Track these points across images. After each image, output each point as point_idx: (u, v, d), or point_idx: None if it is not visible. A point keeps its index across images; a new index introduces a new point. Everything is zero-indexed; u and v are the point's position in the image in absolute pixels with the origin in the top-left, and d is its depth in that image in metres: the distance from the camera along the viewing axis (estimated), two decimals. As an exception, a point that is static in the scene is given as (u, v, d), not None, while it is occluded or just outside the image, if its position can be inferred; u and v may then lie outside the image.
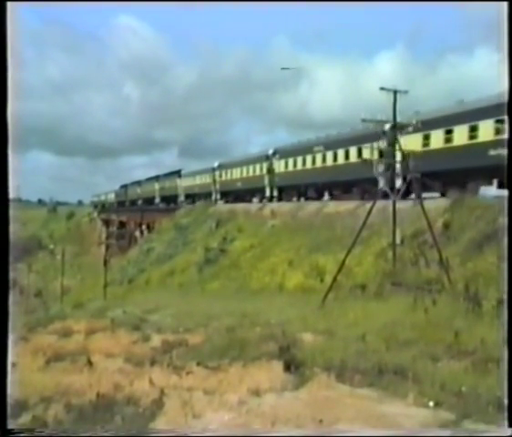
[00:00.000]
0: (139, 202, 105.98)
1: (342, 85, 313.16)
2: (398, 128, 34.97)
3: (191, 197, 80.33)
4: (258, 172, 60.10)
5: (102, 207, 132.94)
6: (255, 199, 59.89)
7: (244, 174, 64.12)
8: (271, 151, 58.62)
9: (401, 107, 25.81)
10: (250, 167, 62.30)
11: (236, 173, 66.68)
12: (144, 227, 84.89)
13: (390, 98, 25.00)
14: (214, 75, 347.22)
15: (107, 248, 68.18)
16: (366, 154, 37.19)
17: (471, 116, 31.22)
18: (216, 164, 73.68)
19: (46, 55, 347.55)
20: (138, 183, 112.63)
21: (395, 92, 24.85)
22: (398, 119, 25.81)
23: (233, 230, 48.92)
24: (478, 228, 25.23)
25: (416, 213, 26.13)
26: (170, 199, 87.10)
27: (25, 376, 13.00)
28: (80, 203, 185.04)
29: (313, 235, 36.95)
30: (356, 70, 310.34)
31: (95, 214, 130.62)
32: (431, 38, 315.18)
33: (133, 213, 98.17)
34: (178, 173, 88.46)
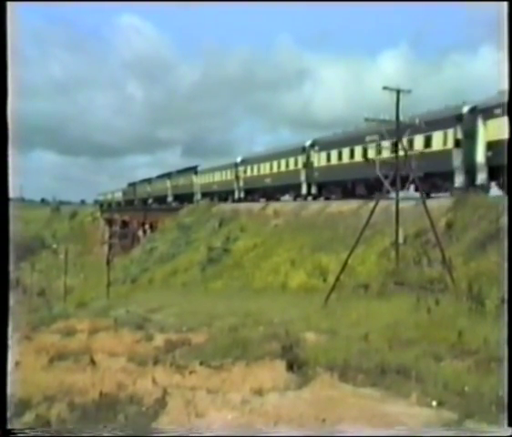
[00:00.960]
0: (150, 201, 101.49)
1: (345, 84, 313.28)
2: (479, 112, 33.02)
3: (209, 195, 73.95)
4: (292, 167, 53.76)
5: (108, 206, 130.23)
6: (287, 197, 55.21)
7: (274, 169, 57.65)
8: (308, 142, 51.87)
9: (405, 106, 25.69)
10: (282, 162, 55.78)
11: (264, 168, 60.12)
12: (147, 226, 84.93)
13: (394, 97, 24.91)
14: (218, 74, 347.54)
15: (110, 247, 68.22)
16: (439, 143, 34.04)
17: None
18: (239, 159, 68.09)
19: (50, 55, 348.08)
20: (149, 181, 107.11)
21: (398, 91, 24.76)
22: (401, 118, 25.65)
23: (236, 230, 48.99)
24: (481, 227, 25.23)
25: (419, 212, 26.09)
26: (185, 198, 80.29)
27: (28, 375, 13.02)
28: (83, 202, 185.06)
29: (316, 234, 36.97)
30: (360, 69, 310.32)
31: (98, 213, 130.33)
32: (435, 37, 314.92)
33: (136, 212, 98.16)
34: (194, 169, 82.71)
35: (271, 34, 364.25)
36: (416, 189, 26.77)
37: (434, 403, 9.70)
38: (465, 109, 34.01)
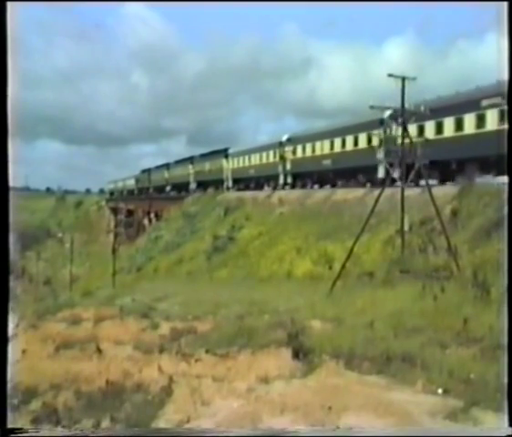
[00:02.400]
0: (168, 188, 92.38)
1: (351, 72, 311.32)
2: None
3: (244, 181, 65.34)
4: (363, 144, 42.81)
5: (120, 194, 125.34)
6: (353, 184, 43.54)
7: (337, 148, 46.16)
8: (387, 113, 37.80)
9: (411, 94, 25.60)
10: (349, 139, 44.57)
11: (322, 147, 48.49)
12: (152, 215, 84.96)
13: (399, 85, 24.86)
14: (223, 63, 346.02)
15: (116, 236, 68.30)
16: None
17: None
18: (285, 137, 56.12)
19: (55, 44, 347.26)
20: (166, 166, 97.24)
21: (404, 79, 24.71)
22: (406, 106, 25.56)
23: (241, 218, 48.97)
24: (486, 215, 25.15)
25: (424, 200, 26.06)
26: (211, 185, 72.01)
27: (34, 363, 13.09)
28: (88, 191, 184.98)
29: (321, 222, 36.95)
30: (366, 57, 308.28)
31: (103, 202, 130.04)
32: (441, 24, 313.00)
33: (141, 201, 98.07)
34: (224, 152, 72.17)
35: (277, 22, 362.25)
36: (419, 177, 26.71)
37: (439, 391, 9.70)
38: None
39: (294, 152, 53.94)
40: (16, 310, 21.68)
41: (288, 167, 54.85)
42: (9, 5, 7.27)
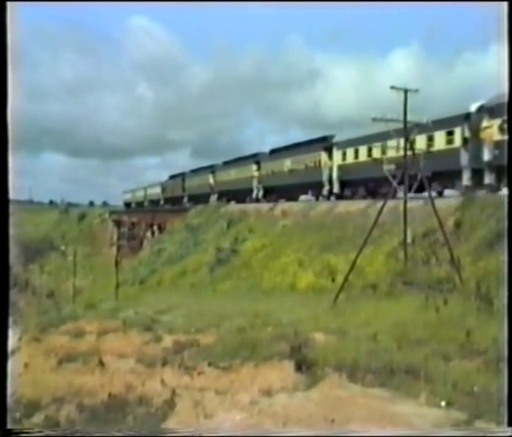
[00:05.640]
0: (212, 198, 69.83)
1: (356, 83, 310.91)
2: None
3: (363, 182, 42.85)
4: None
5: (139, 206, 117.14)
6: None
7: None
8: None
9: (417, 106, 25.53)
10: None
11: None
12: (155, 227, 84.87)
13: (405, 97, 24.86)
14: (228, 74, 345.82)
15: (119, 248, 68.16)
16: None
17: None
18: (475, 106, 33.06)
19: (60, 57, 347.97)
20: (211, 169, 74.86)
21: (406, 91, 24.72)
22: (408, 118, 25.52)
23: (244, 231, 48.92)
24: (490, 226, 25.13)
25: (427, 212, 26.05)
26: (287, 191, 52.88)
27: (37, 376, 13.08)
28: (91, 204, 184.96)
29: (325, 235, 36.92)
30: (371, 68, 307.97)
31: (106, 215, 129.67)
32: (446, 36, 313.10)
33: (144, 214, 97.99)
34: (323, 142, 48.62)
35: (282, 34, 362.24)
36: (421, 189, 26.70)
37: (443, 404, 9.68)
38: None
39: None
40: (19, 323, 21.68)
41: (486, 156, 31.27)
42: (14, 18, 7.30)
